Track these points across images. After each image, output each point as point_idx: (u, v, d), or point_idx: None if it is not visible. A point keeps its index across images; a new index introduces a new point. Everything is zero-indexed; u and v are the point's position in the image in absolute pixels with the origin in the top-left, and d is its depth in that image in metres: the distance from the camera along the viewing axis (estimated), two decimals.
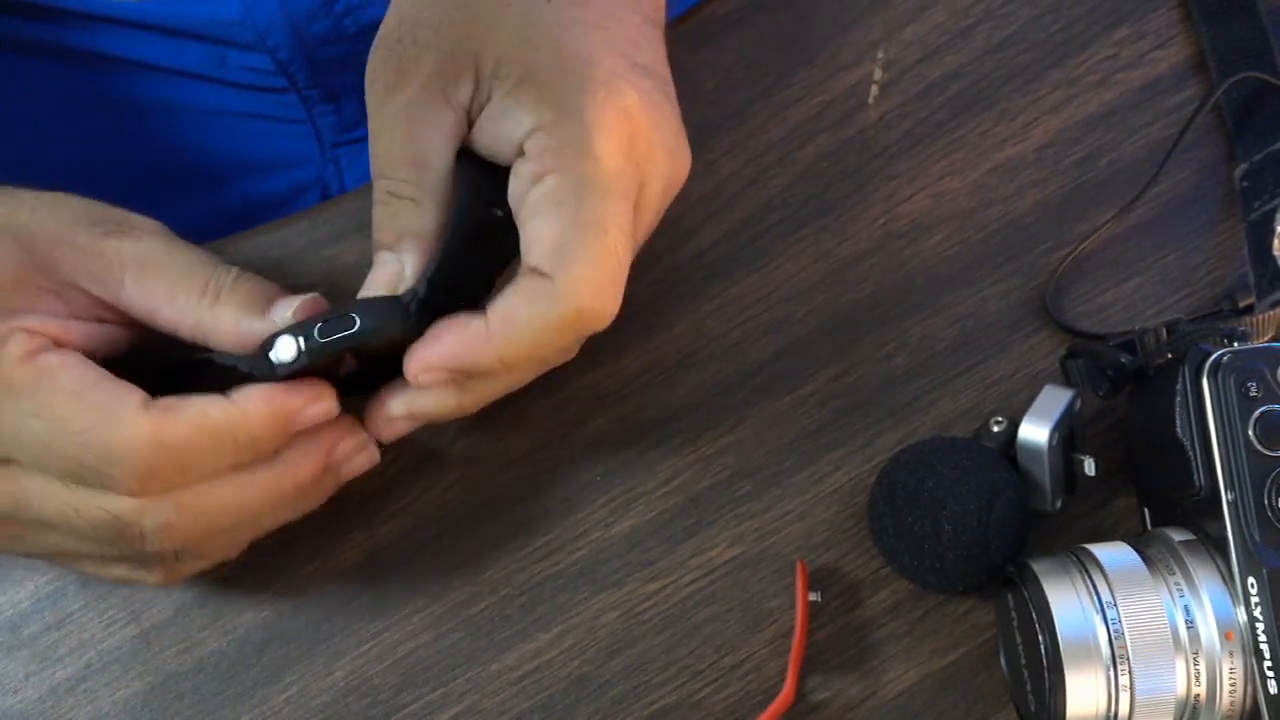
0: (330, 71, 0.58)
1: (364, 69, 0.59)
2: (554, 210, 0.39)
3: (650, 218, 0.43)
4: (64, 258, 0.40)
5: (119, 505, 0.39)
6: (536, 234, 0.40)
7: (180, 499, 0.40)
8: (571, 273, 0.39)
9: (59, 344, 0.40)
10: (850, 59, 0.50)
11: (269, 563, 0.47)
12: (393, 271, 0.41)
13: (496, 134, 0.41)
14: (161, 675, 0.46)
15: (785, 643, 0.45)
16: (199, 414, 0.39)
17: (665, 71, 0.43)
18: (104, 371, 0.40)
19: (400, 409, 0.42)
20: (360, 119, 0.61)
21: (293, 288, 0.42)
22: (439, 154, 0.41)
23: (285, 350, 0.39)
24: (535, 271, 0.40)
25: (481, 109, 0.41)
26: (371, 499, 0.47)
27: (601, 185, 0.39)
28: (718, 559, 0.46)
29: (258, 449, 0.40)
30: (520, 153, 0.40)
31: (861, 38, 0.51)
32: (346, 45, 0.57)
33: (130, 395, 0.39)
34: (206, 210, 0.61)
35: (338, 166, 0.63)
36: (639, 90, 0.41)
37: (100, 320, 0.42)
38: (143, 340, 0.43)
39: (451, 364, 0.40)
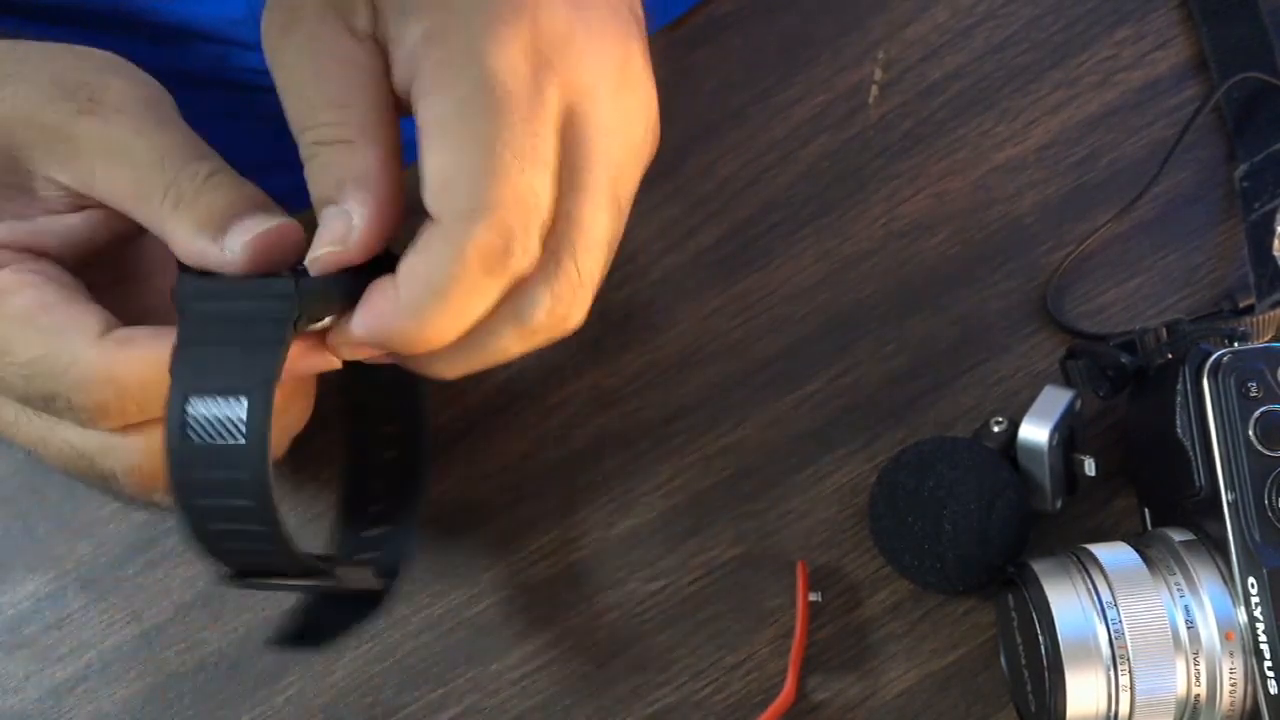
0: None
1: None
2: (438, 138, 0.34)
3: (596, 136, 0.36)
4: (31, 141, 0.36)
5: (83, 441, 0.37)
6: (424, 168, 0.34)
7: (149, 440, 0.36)
8: (456, 206, 0.34)
9: (29, 250, 0.37)
10: (851, 59, 0.50)
11: None
12: (341, 225, 0.35)
13: (398, 57, 0.35)
14: (162, 675, 0.46)
15: (786, 643, 0.45)
16: (158, 348, 0.35)
17: (622, 8, 0.38)
18: (66, 292, 0.36)
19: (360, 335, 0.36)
20: None
21: None
22: (358, 89, 0.35)
23: None
24: (428, 216, 0.34)
25: (384, 42, 0.36)
26: None
27: (493, 96, 0.33)
28: (718, 559, 0.46)
29: None
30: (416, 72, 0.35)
31: (862, 37, 0.51)
32: None
33: (87, 321, 0.36)
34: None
35: None
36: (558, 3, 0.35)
37: (81, 208, 0.38)
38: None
39: (374, 341, 0.35)
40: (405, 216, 0.36)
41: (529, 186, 0.34)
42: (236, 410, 0.34)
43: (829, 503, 0.46)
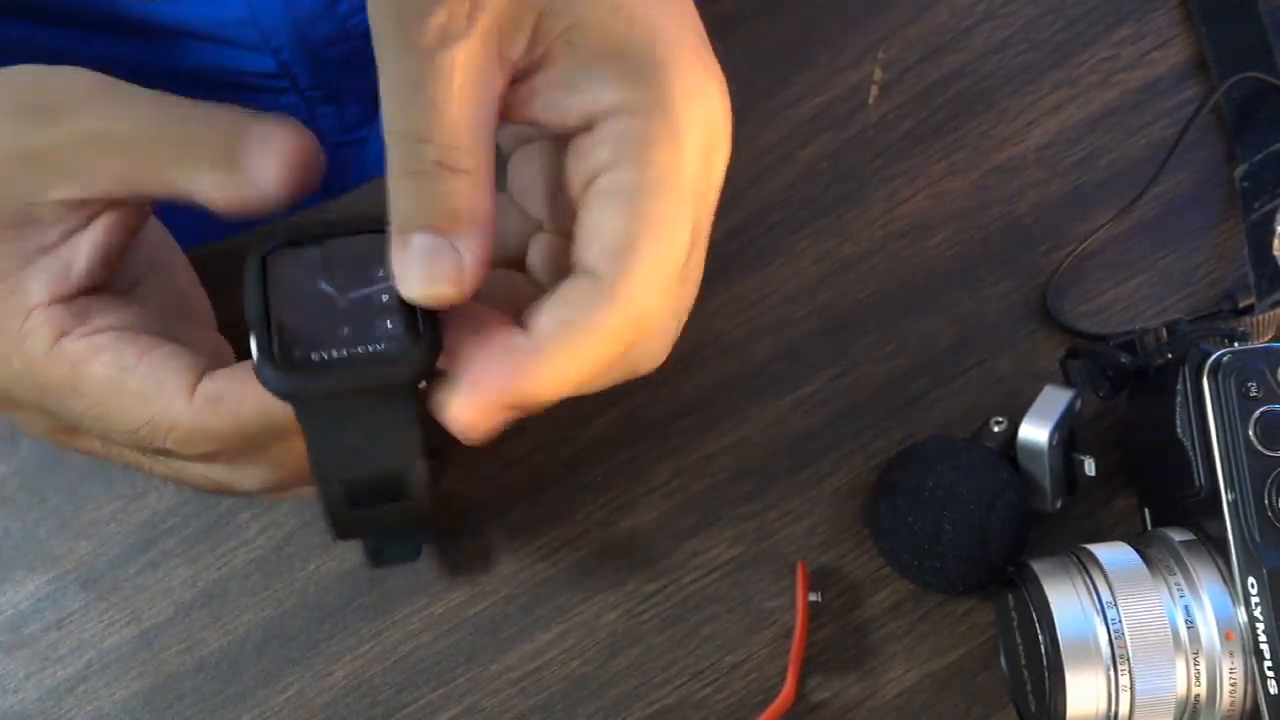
0: (333, 72, 0.58)
1: (366, 69, 0.59)
2: (626, 206, 0.34)
3: (712, 209, 0.38)
4: (13, 175, 0.35)
5: (213, 472, 0.37)
6: (599, 228, 0.34)
7: (276, 457, 0.37)
8: (636, 276, 0.34)
9: (76, 294, 0.37)
10: (851, 59, 0.50)
11: (269, 563, 0.47)
12: (452, 263, 0.33)
13: (562, 104, 0.35)
14: (162, 675, 0.46)
15: (785, 643, 0.45)
16: (251, 402, 0.35)
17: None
18: (138, 341, 0.36)
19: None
20: (362, 119, 0.62)
21: None
22: (491, 120, 0.34)
23: None
24: (588, 272, 0.34)
25: (533, 71, 0.35)
26: None
27: (679, 188, 0.35)
28: (718, 559, 0.46)
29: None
30: (588, 129, 0.35)
31: (862, 38, 0.51)
32: (350, 46, 0.57)
33: (172, 379, 0.36)
34: (206, 210, 0.60)
35: (339, 167, 0.63)
36: (719, 83, 0.36)
37: (91, 217, 0.37)
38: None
39: (499, 401, 0.34)
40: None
41: (684, 263, 0.35)
42: (392, 482, 0.35)
43: (829, 503, 0.46)
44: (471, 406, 0.34)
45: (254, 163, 0.34)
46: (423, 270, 0.33)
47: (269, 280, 0.35)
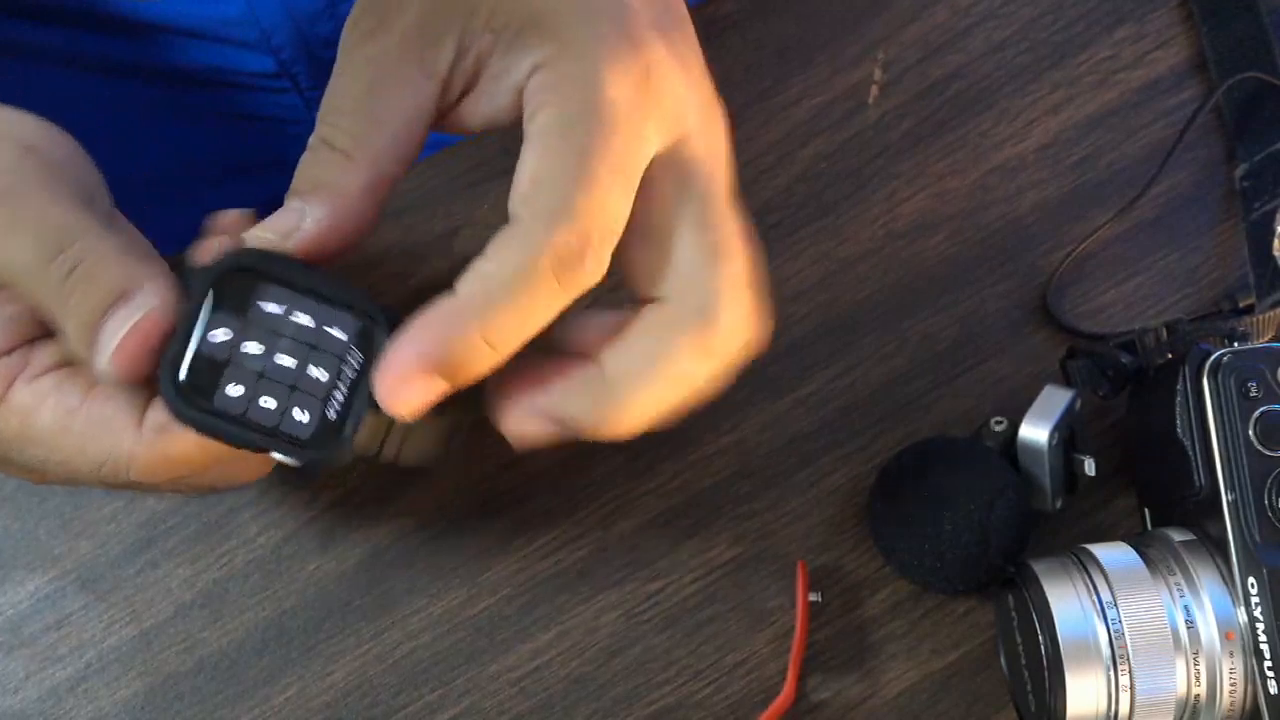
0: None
1: None
2: (538, 146, 0.34)
3: (705, 157, 0.37)
4: None
5: (191, 486, 0.39)
6: (517, 176, 0.34)
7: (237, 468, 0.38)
8: (541, 206, 0.34)
9: (25, 338, 0.37)
10: (850, 59, 0.50)
11: (269, 563, 0.47)
12: (291, 220, 0.35)
13: (495, 92, 0.36)
14: (161, 675, 0.46)
15: (785, 643, 0.45)
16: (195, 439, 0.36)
17: (683, 11, 0.39)
18: (80, 380, 0.37)
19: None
20: None
21: None
22: (396, 117, 0.36)
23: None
24: (509, 217, 0.34)
25: (475, 76, 0.37)
26: (371, 499, 0.47)
27: (594, 110, 0.34)
28: (718, 559, 0.46)
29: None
30: (520, 106, 0.36)
31: (862, 38, 0.51)
32: None
33: (118, 416, 0.36)
34: (206, 210, 0.60)
35: None
36: (652, 22, 0.36)
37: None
38: None
39: (426, 360, 0.34)
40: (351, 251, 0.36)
41: (615, 203, 0.34)
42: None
43: (829, 503, 0.46)
44: (394, 373, 0.34)
45: (102, 352, 0.35)
46: (266, 220, 0.36)
47: (219, 296, 0.35)
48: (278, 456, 0.35)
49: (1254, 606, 0.39)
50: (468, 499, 0.47)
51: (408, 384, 0.34)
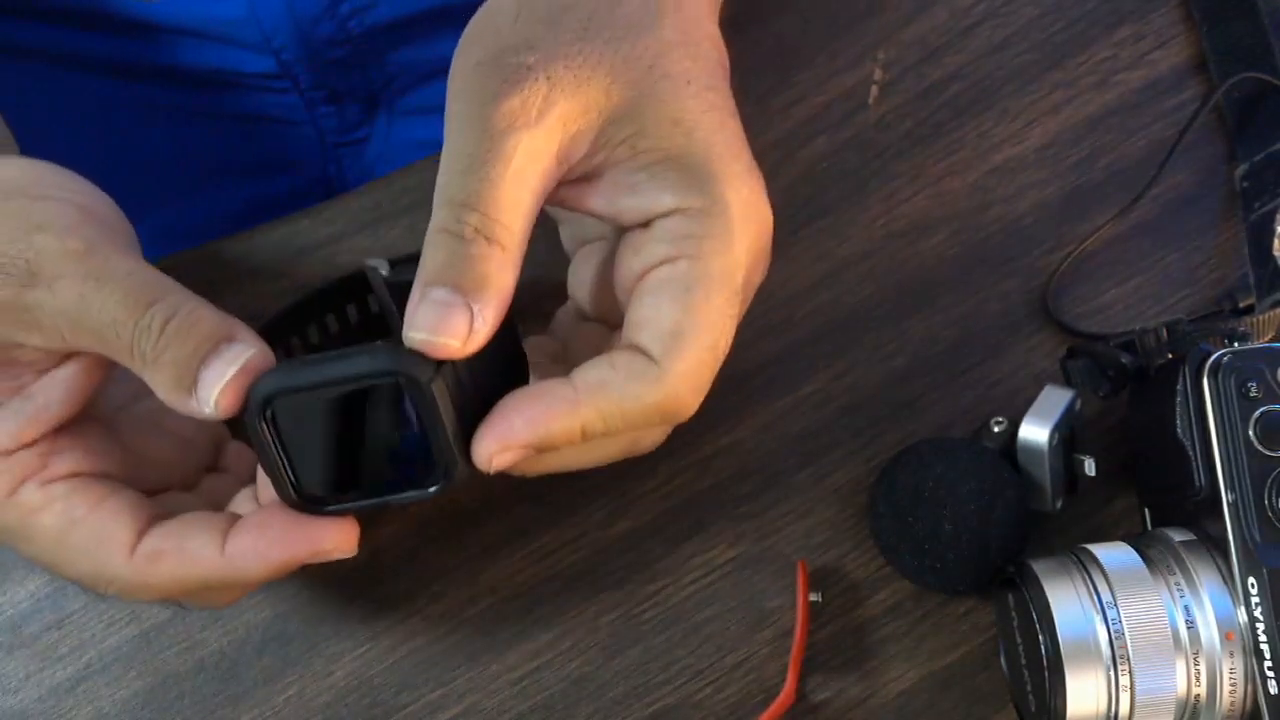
0: (334, 73, 0.58)
1: (367, 70, 0.59)
2: (680, 296, 0.37)
3: (749, 288, 0.41)
4: (1, 324, 0.37)
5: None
6: (652, 314, 0.38)
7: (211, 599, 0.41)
8: (681, 361, 0.37)
9: (47, 435, 0.39)
10: (849, 60, 0.50)
11: None
12: (464, 322, 0.36)
13: (622, 201, 0.39)
14: (161, 675, 0.46)
15: (785, 643, 0.45)
16: (187, 566, 0.38)
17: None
18: (91, 496, 0.39)
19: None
20: (362, 120, 0.62)
21: (293, 287, 0.42)
22: (534, 206, 0.37)
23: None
24: (638, 350, 0.37)
25: (596, 175, 0.39)
26: None
27: (731, 285, 0.38)
28: (718, 559, 0.46)
29: (250, 588, 0.41)
30: (646, 226, 0.38)
31: (862, 38, 0.51)
32: (351, 47, 0.57)
33: (116, 535, 0.38)
34: (207, 210, 0.61)
35: (339, 167, 0.63)
36: (761, 184, 0.40)
37: (68, 356, 0.39)
38: None
39: (533, 438, 0.37)
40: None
41: (722, 359, 0.39)
42: None
43: (829, 503, 0.46)
44: (500, 436, 0.37)
45: (207, 393, 0.36)
46: (436, 319, 0.35)
47: (279, 423, 0.37)
48: (412, 496, 0.38)
49: (1254, 606, 0.39)
50: (468, 499, 0.47)
51: (507, 451, 0.37)
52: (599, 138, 0.38)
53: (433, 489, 0.37)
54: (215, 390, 0.36)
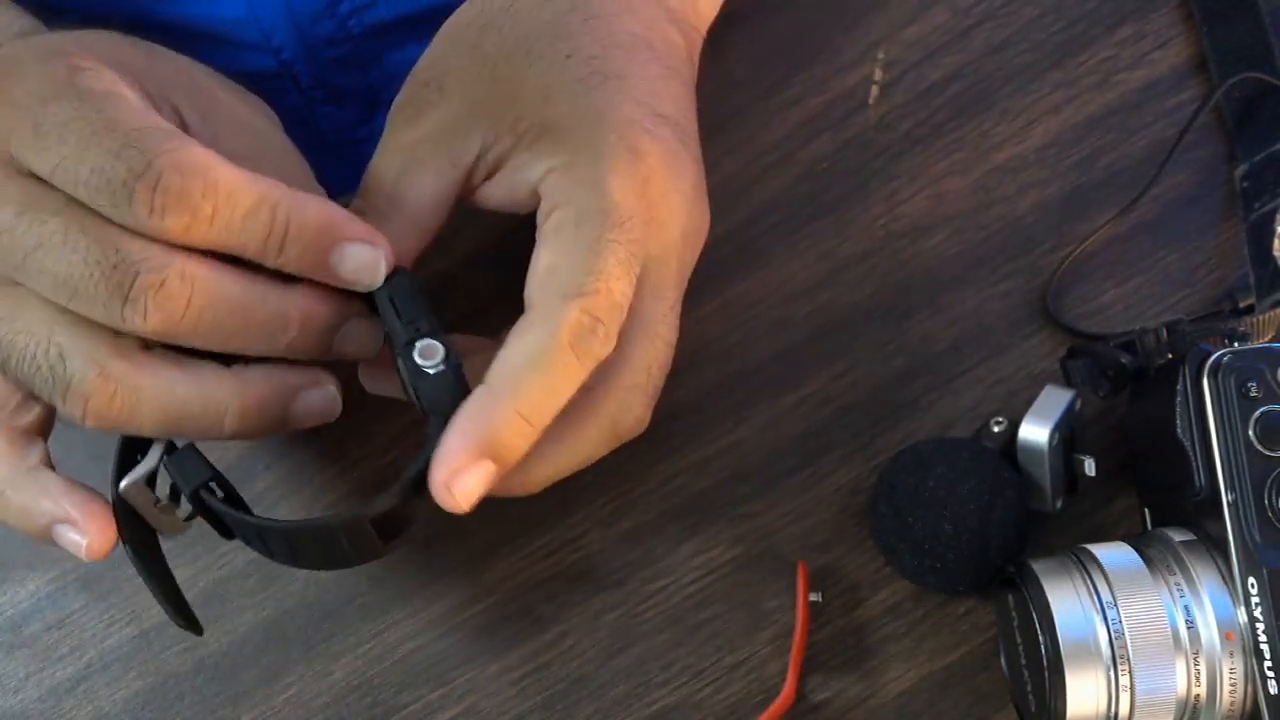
0: (333, 72, 0.58)
1: (366, 69, 0.59)
2: (550, 240, 0.39)
3: (671, 267, 0.42)
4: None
5: (129, 243, 0.37)
6: (530, 269, 0.39)
7: (184, 267, 0.37)
8: (555, 292, 0.38)
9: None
10: (851, 59, 0.50)
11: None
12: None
13: (513, 183, 0.41)
14: (161, 675, 0.46)
15: (785, 643, 0.45)
16: (254, 180, 0.37)
17: (688, 122, 0.43)
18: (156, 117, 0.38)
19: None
20: (362, 119, 0.62)
21: None
22: (418, 200, 0.42)
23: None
24: (528, 308, 0.39)
25: (496, 168, 0.42)
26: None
27: (603, 214, 0.39)
28: (718, 559, 0.46)
29: (296, 237, 0.38)
30: (536, 198, 0.41)
31: (862, 38, 0.51)
32: (350, 46, 0.57)
33: (175, 131, 0.38)
34: None
35: (339, 167, 0.63)
36: (654, 137, 0.41)
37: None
38: None
39: (476, 447, 0.37)
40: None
41: (620, 287, 0.39)
42: None
43: (829, 503, 0.46)
44: (449, 467, 0.37)
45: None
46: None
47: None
48: (428, 343, 0.39)
49: (1254, 606, 0.39)
50: None
51: (463, 474, 0.37)
52: (486, 134, 0.41)
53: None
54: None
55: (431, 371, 0.38)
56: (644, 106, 0.41)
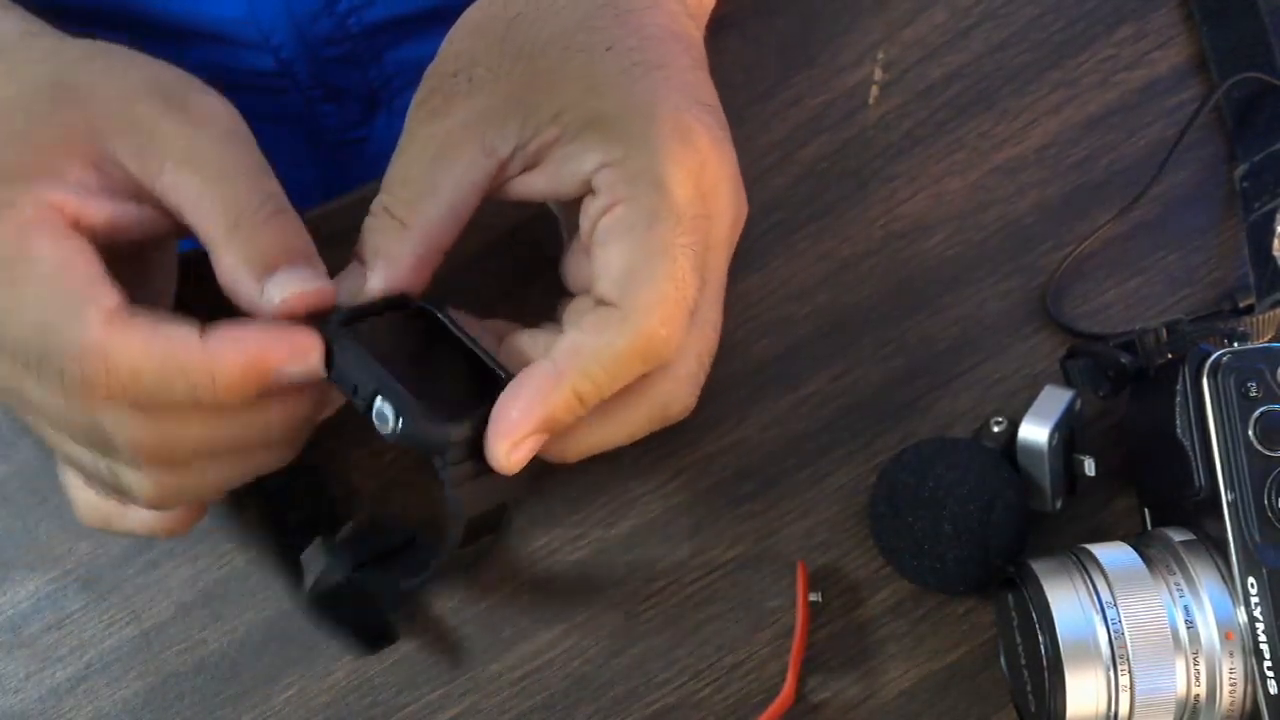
0: (333, 71, 0.58)
1: (365, 68, 0.59)
2: (624, 237, 0.39)
3: (722, 256, 0.42)
4: (114, 127, 0.38)
5: (98, 459, 0.39)
6: (604, 262, 0.39)
7: (149, 420, 0.37)
8: (640, 298, 0.39)
9: (77, 222, 0.38)
10: (850, 59, 0.50)
11: (269, 563, 0.47)
12: (354, 283, 0.40)
13: (560, 174, 0.41)
14: (161, 675, 0.46)
15: (785, 643, 0.45)
16: (160, 341, 0.36)
17: (721, 110, 0.43)
18: (96, 269, 0.37)
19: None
20: (362, 119, 0.62)
21: None
22: (452, 190, 0.41)
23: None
24: (602, 301, 0.39)
25: (538, 160, 0.41)
26: (372, 499, 0.47)
27: (673, 214, 0.39)
28: (718, 559, 0.46)
29: (221, 398, 0.37)
30: (588, 190, 0.40)
31: (862, 38, 0.51)
32: (349, 45, 0.57)
33: (102, 297, 0.36)
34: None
35: (339, 166, 0.63)
36: (704, 125, 0.41)
37: (138, 201, 0.39)
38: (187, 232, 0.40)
39: (535, 421, 0.38)
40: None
41: (693, 294, 0.39)
42: (495, 516, 0.42)
43: (829, 503, 0.46)
44: (500, 434, 0.38)
45: (276, 289, 0.38)
46: (336, 279, 0.40)
47: (349, 345, 0.39)
48: (379, 406, 0.38)
49: (1254, 606, 0.39)
50: None
51: (518, 444, 0.38)
52: (525, 125, 0.40)
53: (409, 426, 0.38)
54: (285, 294, 0.38)
55: (389, 436, 0.38)
56: (688, 96, 0.41)
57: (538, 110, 0.40)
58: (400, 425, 0.37)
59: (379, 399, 0.38)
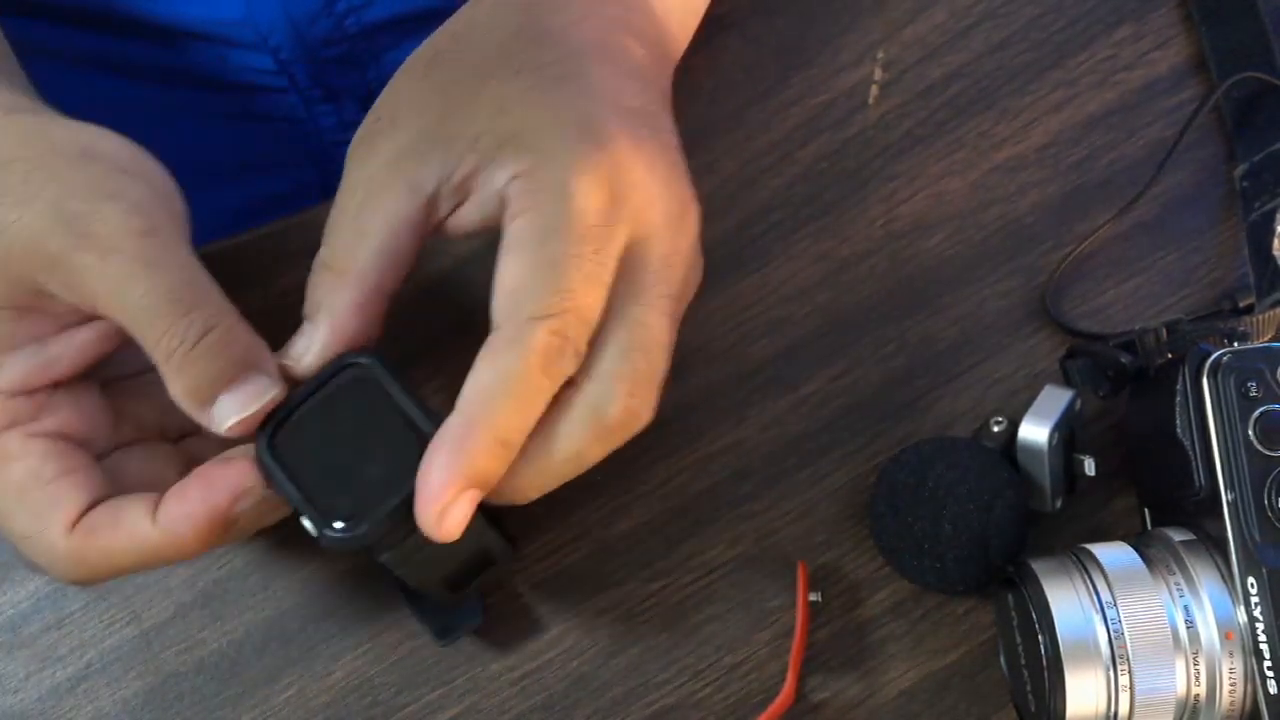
0: (331, 71, 0.58)
1: (363, 69, 0.59)
2: (516, 252, 0.38)
3: (654, 251, 0.40)
4: (38, 266, 0.38)
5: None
6: (498, 281, 0.38)
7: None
8: (521, 314, 0.38)
9: (48, 385, 0.40)
10: (850, 59, 0.50)
11: (269, 563, 0.47)
12: (304, 344, 0.40)
13: (484, 200, 0.40)
14: (161, 675, 0.46)
15: (785, 643, 0.45)
16: (123, 538, 0.39)
17: (656, 110, 0.42)
18: (61, 463, 0.39)
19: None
20: (359, 120, 0.62)
21: (293, 288, 0.42)
22: (383, 232, 0.40)
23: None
24: (493, 326, 0.38)
25: (465, 191, 0.40)
26: None
27: (567, 223, 0.38)
28: (718, 559, 0.46)
29: (190, 557, 0.40)
30: (504, 205, 0.40)
31: (861, 38, 0.51)
32: (348, 45, 0.57)
33: (66, 505, 0.39)
34: (206, 210, 0.60)
35: (338, 166, 0.63)
36: (621, 127, 0.40)
37: (91, 319, 0.40)
38: None
39: (459, 478, 0.37)
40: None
41: (588, 303, 0.38)
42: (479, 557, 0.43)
43: (829, 503, 0.46)
44: (425, 503, 0.38)
45: (223, 415, 0.39)
46: (289, 343, 0.41)
47: (284, 452, 0.39)
48: (302, 520, 0.39)
49: (1254, 606, 0.39)
50: None
51: (447, 505, 0.38)
52: (446, 158, 0.40)
53: (332, 535, 0.39)
54: (233, 419, 0.38)
55: (319, 539, 0.39)
56: (603, 101, 0.40)
57: (455, 141, 0.40)
58: (321, 539, 0.39)
59: (300, 515, 0.39)
